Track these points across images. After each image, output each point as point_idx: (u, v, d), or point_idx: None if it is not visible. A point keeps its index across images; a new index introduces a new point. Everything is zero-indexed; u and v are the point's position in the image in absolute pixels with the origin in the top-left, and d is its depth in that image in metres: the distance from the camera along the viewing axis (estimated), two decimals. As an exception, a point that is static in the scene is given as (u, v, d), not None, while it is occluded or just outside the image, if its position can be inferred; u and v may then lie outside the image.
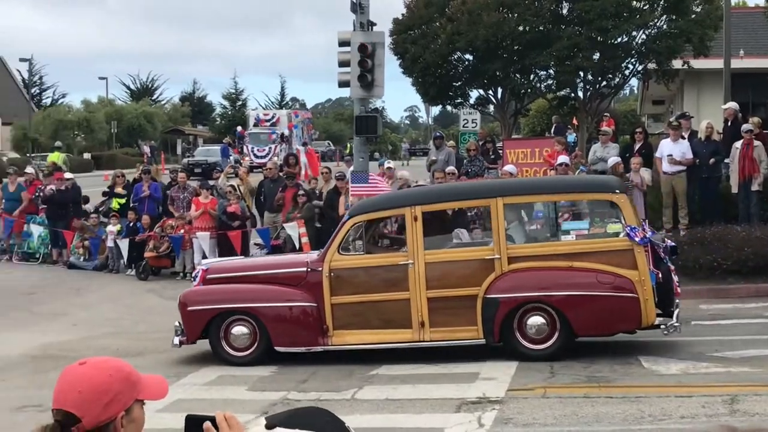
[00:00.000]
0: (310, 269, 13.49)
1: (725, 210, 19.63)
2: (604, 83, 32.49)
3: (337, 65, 22.82)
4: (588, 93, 32.62)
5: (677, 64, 30.58)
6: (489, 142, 26.30)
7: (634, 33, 30.79)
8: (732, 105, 21.53)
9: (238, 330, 13.44)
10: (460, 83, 34.03)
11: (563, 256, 12.87)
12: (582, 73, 31.81)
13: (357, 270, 13.35)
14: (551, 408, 10.41)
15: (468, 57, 32.97)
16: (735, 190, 19.75)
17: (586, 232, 13.34)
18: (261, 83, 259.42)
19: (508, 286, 12.74)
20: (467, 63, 33.14)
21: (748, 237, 17.69)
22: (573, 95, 33.84)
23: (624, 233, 12.67)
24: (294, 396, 11.48)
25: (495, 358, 12.90)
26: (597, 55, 31.05)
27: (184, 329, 13.62)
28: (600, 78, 32.12)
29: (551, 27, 30.79)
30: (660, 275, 12.91)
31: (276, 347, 13.33)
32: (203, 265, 14.83)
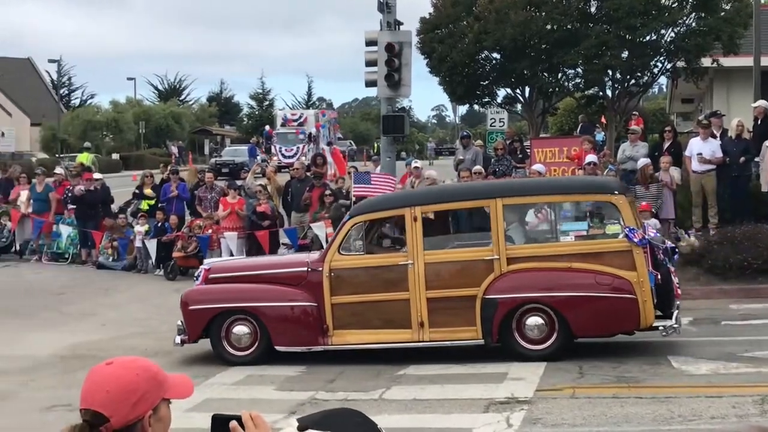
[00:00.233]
0: (310, 269, 13.53)
1: (755, 209, 19.46)
2: (632, 82, 32.34)
3: (364, 65, 22.85)
4: (616, 91, 32.47)
5: (706, 62, 30.38)
6: (517, 141, 26.18)
7: (662, 31, 30.63)
8: (762, 103, 21.33)
9: (239, 329, 13.51)
10: (487, 82, 33.96)
11: (562, 257, 12.87)
12: (610, 72, 31.67)
13: (357, 270, 13.41)
14: (580, 408, 10.35)
15: (495, 56, 32.90)
16: (765, 188, 19.57)
17: (585, 233, 13.31)
18: (288, 83, 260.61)
19: (506, 286, 12.77)
20: (494, 62, 33.07)
21: (778, 236, 17.52)
22: (601, 94, 33.69)
23: (623, 234, 12.66)
24: (322, 396, 11.46)
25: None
26: (625, 54, 30.91)
27: (185, 328, 13.67)
28: (628, 76, 31.97)
29: (579, 25, 30.69)
30: (659, 276, 12.88)
31: (276, 347, 13.37)
32: (205, 265, 14.90)
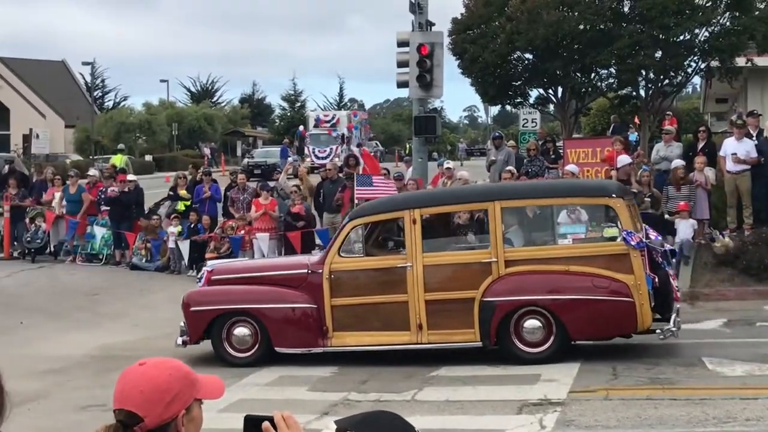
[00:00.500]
0: (310, 271, 13.62)
1: (791, 209, 19.28)
2: (666, 81, 32.12)
3: (396, 66, 22.84)
4: (650, 91, 32.28)
5: (741, 61, 30.11)
6: (549, 141, 26.08)
7: (696, 30, 30.37)
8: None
9: (239, 331, 13.58)
10: (519, 83, 33.86)
11: (560, 259, 12.87)
12: (644, 72, 31.48)
13: (356, 272, 13.50)
14: (614, 410, 10.30)
15: (528, 56, 32.80)
16: (801, 189, 19.38)
17: (582, 236, 13.30)
18: (320, 84, 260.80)
19: (504, 289, 12.81)
20: (527, 62, 32.96)
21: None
22: (635, 94, 33.51)
23: (620, 238, 12.64)
24: (354, 397, 11.47)
25: (556, 360, 12.81)
26: (659, 53, 30.72)
27: (187, 329, 13.75)
28: (662, 76, 31.75)
29: (612, 25, 30.53)
30: (656, 280, 12.86)
31: (276, 348, 13.42)
32: (208, 267, 15.01)
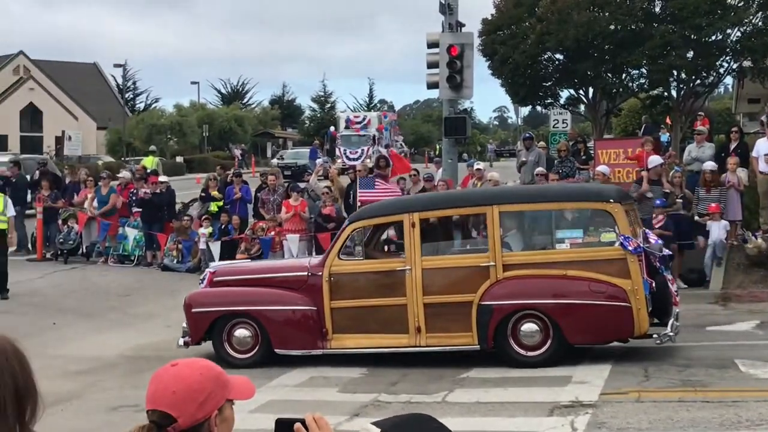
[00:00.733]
0: (310, 273, 13.66)
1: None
2: (698, 82, 31.93)
3: (426, 67, 22.83)
4: (681, 92, 32.09)
5: (773, 61, 29.88)
6: (580, 142, 25.97)
7: (728, 30, 30.17)
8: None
9: (240, 332, 13.64)
10: (550, 83, 33.77)
11: (558, 264, 12.88)
12: (675, 72, 31.31)
13: (356, 275, 13.55)
14: (646, 412, 10.23)
15: (558, 57, 32.71)
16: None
17: (580, 240, 13.29)
18: (349, 86, 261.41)
19: (502, 293, 12.81)
20: (557, 63, 32.87)
21: None
22: (666, 94, 33.35)
23: (618, 242, 12.62)
24: (385, 398, 11.46)
25: (588, 362, 12.77)
26: (690, 54, 30.55)
27: (189, 330, 13.83)
28: (694, 76, 31.57)
29: (643, 25, 30.38)
30: (654, 284, 12.83)
31: (276, 350, 13.45)
32: (211, 268, 15.07)
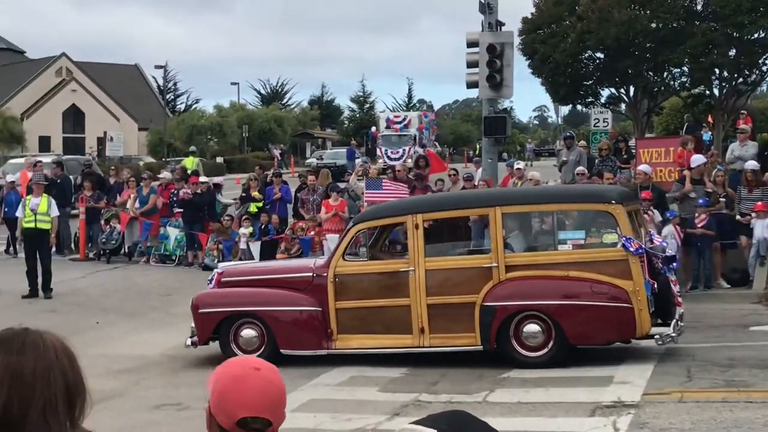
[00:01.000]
0: (315, 274, 13.76)
1: None
2: (740, 80, 31.67)
3: (466, 66, 22.77)
4: (724, 90, 31.84)
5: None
6: (621, 141, 25.80)
7: (771, 28, 29.91)
8: None
9: (246, 332, 13.76)
10: (590, 82, 33.63)
11: (560, 265, 12.93)
12: (717, 70, 31.09)
13: (360, 276, 13.64)
14: (688, 413, 10.15)
15: (599, 55, 32.57)
16: None
17: (582, 241, 13.35)
18: (388, 86, 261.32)
19: (504, 294, 12.86)
20: (598, 61, 32.74)
21: None
22: (708, 93, 33.09)
23: (620, 244, 12.64)
24: (425, 398, 11.45)
25: (630, 361, 12.69)
26: (733, 52, 30.31)
27: (196, 331, 13.96)
28: (736, 74, 31.31)
29: (685, 23, 30.20)
30: (655, 285, 12.85)
31: (281, 350, 13.49)
32: (219, 269, 15.18)
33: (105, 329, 16.46)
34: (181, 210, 24.05)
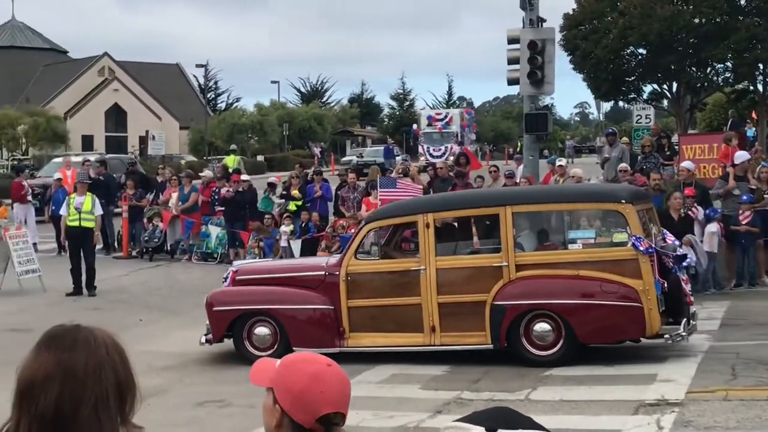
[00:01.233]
0: (328, 273, 13.82)
1: None
2: (785, 75, 31.35)
3: (507, 63, 22.70)
4: (768, 86, 31.54)
5: None
6: (664, 137, 25.60)
7: (817, 22, 29.57)
8: None
9: (260, 330, 13.85)
10: (633, 78, 33.44)
11: (570, 264, 12.94)
12: (761, 66, 30.78)
13: (372, 274, 13.71)
14: (733, 411, 10.06)
15: (641, 51, 32.39)
16: None
17: (592, 241, 13.34)
18: (428, 83, 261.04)
19: (514, 293, 12.89)
20: (640, 57, 32.55)
21: None
22: (752, 88, 32.78)
23: (629, 243, 12.61)
24: (467, 396, 11.43)
25: (674, 359, 12.61)
26: (777, 46, 29.98)
27: (210, 328, 14.08)
28: (780, 70, 31.00)
29: (728, 18, 29.93)
30: (665, 285, 12.81)
31: (293, 348, 13.45)
32: (233, 267, 15.29)
33: (148, 326, 16.57)
34: (223, 208, 24.19)
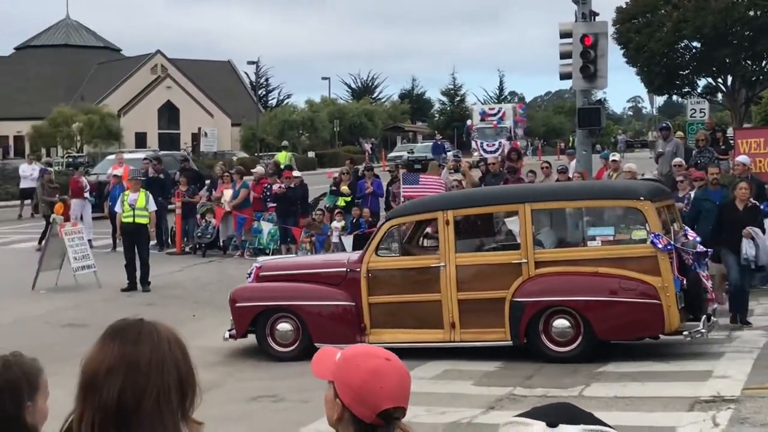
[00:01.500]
0: (349, 269, 13.92)
1: None
2: (842, 67, 30.87)
3: (559, 57, 22.59)
4: (824, 78, 31.08)
5: None
6: (719, 131, 25.31)
7: None
8: None
9: (282, 326, 13.94)
10: (687, 72, 33.11)
11: (589, 261, 12.91)
12: (818, 58, 30.33)
13: (393, 271, 13.82)
14: (791, 408, 9.94)
15: (695, 44, 32.06)
16: None
17: (611, 238, 13.29)
18: (478, 78, 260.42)
19: (534, 289, 12.93)
20: (694, 51, 32.22)
21: None
22: (809, 81, 32.32)
23: (648, 240, 12.55)
24: (520, 392, 11.40)
25: (729, 355, 12.49)
26: (835, 38, 29.54)
27: (233, 324, 14.20)
28: (838, 62, 30.54)
29: (785, 10, 29.51)
30: (685, 282, 12.72)
31: (315, 344, 13.49)
32: (257, 263, 15.44)
33: (201, 322, 16.69)
34: (275, 204, 24.32)
